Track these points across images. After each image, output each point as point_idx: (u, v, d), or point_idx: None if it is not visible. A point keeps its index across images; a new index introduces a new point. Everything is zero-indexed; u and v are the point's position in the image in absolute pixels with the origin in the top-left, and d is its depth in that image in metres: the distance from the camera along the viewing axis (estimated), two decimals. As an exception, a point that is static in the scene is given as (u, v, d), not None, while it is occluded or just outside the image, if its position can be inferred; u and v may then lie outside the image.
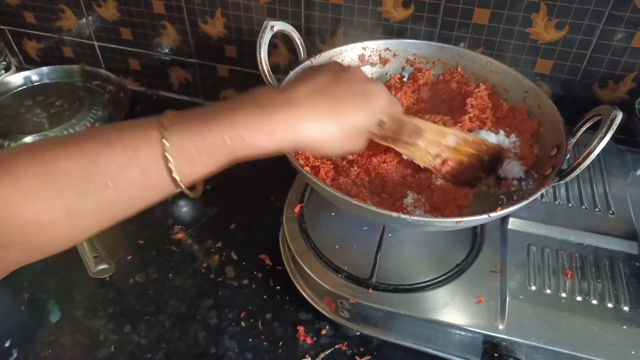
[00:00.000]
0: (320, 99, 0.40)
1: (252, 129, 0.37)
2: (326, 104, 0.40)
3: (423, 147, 0.51)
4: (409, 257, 0.58)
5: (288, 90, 0.40)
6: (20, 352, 0.58)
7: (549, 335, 0.49)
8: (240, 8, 0.83)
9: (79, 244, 0.62)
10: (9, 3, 0.98)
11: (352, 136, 0.43)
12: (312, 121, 0.39)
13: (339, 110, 0.40)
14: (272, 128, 0.38)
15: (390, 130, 0.48)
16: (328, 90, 0.41)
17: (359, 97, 0.42)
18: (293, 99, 0.39)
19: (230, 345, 0.59)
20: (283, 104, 0.39)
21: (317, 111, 0.39)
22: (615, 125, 0.44)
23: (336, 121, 0.40)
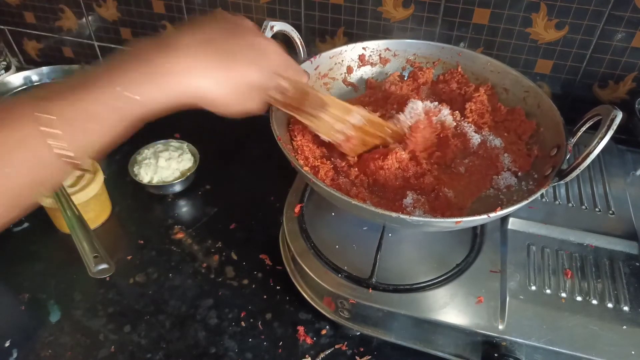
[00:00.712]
0: (208, 48, 0.37)
1: (135, 84, 0.34)
2: (215, 55, 0.37)
3: (327, 121, 0.51)
4: (409, 257, 0.58)
5: (170, 39, 0.37)
6: (20, 352, 0.58)
7: (549, 335, 0.49)
8: (240, 8, 0.83)
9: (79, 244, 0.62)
10: (9, 3, 0.98)
11: (247, 93, 0.41)
12: (201, 71, 0.37)
13: (229, 63, 0.38)
14: (158, 79, 0.35)
15: (293, 99, 0.48)
16: (217, 40, 0.38)
17: (251, 52, 0.40)
18: (176, 46, 0.36)
19: (230, 345, 0.59)
20: (165, 52, 0.36)
21: (205, 62, 0.37)
22: (615, 125, 0.44)
23: (227, 74, 0.38)
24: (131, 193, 0.79)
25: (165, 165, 0.77)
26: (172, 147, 0.80)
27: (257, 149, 0.87)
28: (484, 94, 0.63)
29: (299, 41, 0.63)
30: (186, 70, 0.36)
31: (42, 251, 0.70)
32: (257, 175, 0.81)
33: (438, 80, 0.68)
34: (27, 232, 0.72)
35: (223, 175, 0.82)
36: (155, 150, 0.79)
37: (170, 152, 0.78)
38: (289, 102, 0.48)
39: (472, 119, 0.61)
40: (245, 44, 0.40)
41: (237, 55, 0.39)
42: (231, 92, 0.39)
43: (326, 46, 0.83)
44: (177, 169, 0.77)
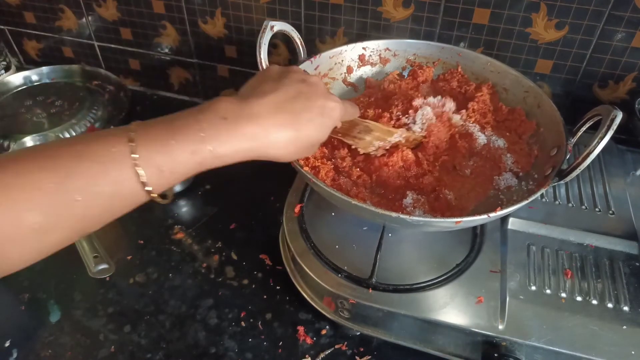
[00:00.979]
0: (281, 114, 0.41)
1: (218, 142, 0.38)
2: (287, 119, 0.42)
3: (368, 140, 0.55)
4: (409, 257, 0.58)
5: (251, 103, 0.41)
6: (20, 352, 0.58)
7: (549, 335, 0.49)
8: (240, 8, 0.83)
9: (79, 244, 0.62)
10: (9, 3, 0.98)
11: (307, 147, 0.45)
12: (273, 133, 0.41)
13: (299, 127, 0.42)
14: (237, 141, 0.39)
15: (342, 129, 0.54)
16: (289, 105, 0.42)
17: (317, 115, 0.44)
18: (257, 114, 0.40)
19: (230, 345, 0.59)
20: (247, 117, 0.40)
21: (279, 127, 0.41)
22: (615, 125, 0.44)
23: (295, 136, 0.42)
24: (131, 193, 0.78)
25: (165, 165, 0.76)
26: (172, 147, 0.80)
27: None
28: (487, 93, 0.63)
29: (299, 41, 0.63)
30: (262, 134, 0.40)
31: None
32: (257, 175, 0.81)
33: (438, 79, 0.68)
34: (27, 232, 0.72)
35: (223, 175, 0.82)
36: (155, 150, 0.79)
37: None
38: (338, 130, 0.53)
39: (475, 119, 0.61)
40: (314, 107, 0.43)
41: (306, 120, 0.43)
42: (295, 150, 0.43)
43: (326, 46, 0.83)
44: (177, 169, 0.77)
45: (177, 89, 1.02)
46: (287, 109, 0.42)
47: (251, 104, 0.41)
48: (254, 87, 0.44)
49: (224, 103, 0.40)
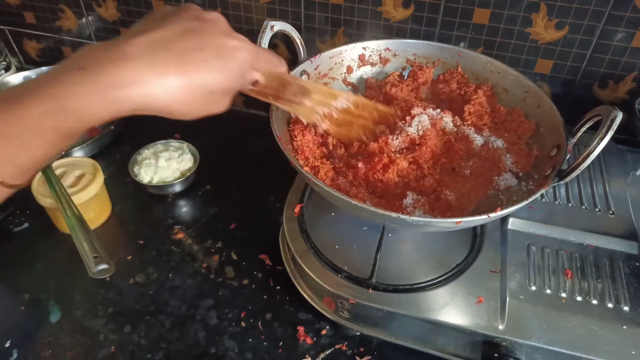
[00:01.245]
0: (161, 52, 0.33)
1: (75, 99, 0.31)
2: (169, 59, 0.33)
3: (310, 105, 0.50)
4: (409, 257, 0.58)
5: (120, 43, 0.33)
6: (20, 352, 0.58)
7: (549, 335, 0.49)
8: (240, 8, 0.83)
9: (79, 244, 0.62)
10: (9, 3, 0.98)
11: (209, 99, 0.37)
12: (151, 81, 0.33)
13: (186, 69, 0.34)
14: (100, 93, 0.31)
15: (270, 88, 0.46)
16: (173, 43, 0.34)
17: (214, 54, 0.35)
18: (126, 54, 0.32)
19: (230, 345, 0.59)
20: (113, 61, 0.32)
21: (157, 69, 0.33)
22: (615, 125, 0.44)
23: (182, 81, 0.34)
24: (131, 193, 0.79)
25: (166, 165, 0.77)
26: (172, 147, 0.80)
27: (257, 149, 0.87)
28: (483, 95, 0.63)
29: (299, 41, 0.63)
30: (134, 81, 0.32)
31: (42, 251, 0.70)
32: (257, 175, 0.81)
33: (438, 80, 0.68)
34: (27, 232, 0.72)
35: (223, 175, 0.82)
36: (155, 150, 0.79)
37: (170, 152, 0.78)
38: (265, 91, 0.46)
39: (472, 121, 0.61)
40: (208, 46, 0.35)
41: (197, 61, 0.35)
42: (189, 100, 0.35)
43: (326, 46, 0.83)
44: (177, 169, 0.77)
45: (177, 89, 1.02)
46: (168, 48, 0.34)
47: (120, 45, 0.33)
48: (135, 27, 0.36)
49: (87, 49, 0.33)
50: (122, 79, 0.32)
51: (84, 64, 0.32)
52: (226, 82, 0.37)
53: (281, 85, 0.47)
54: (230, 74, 0.37)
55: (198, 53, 0.35)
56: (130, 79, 0.32)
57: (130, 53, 0.33)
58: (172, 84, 0.33)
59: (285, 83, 0.47)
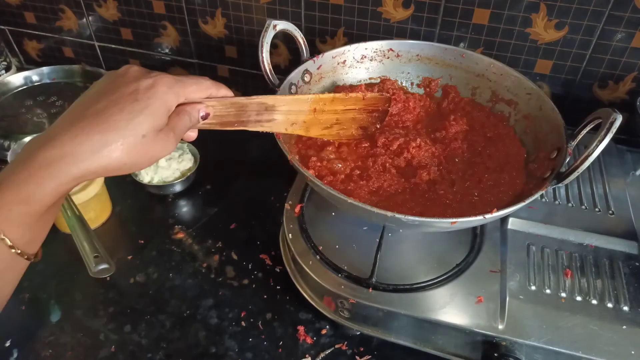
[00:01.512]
0: (81, 121, 0.35)
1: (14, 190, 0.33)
2: (89, 125, 0.34)
3: (282, 118, 0.49)
4: (409, 257, 0.58)
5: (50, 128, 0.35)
6: (20, 352, 0.58)
7: (549, 335, 0.49)
8: (240, 8, 0.83)
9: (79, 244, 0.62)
10: (9, 3, 0.98)
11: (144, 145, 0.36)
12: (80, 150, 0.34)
13: (106, 126, 0.34)
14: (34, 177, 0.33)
15: (229, 116, 0.44)
16: (90, 109, 0.35)
17: (128, 101, 0.36)
18: (51, 135, 0.34)
19: (231, 345, 0.59)
20: (41, 145, 0.34)
21: (81, 137, 0.34)
22: (614, 128, 0.44)
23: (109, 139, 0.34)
24: (132, 193, 0.79)
25: (166, 165, 0.77)
26: (172, 147, 0.80)
27: (257, 149, 0.87)
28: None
29: (302, 40, 0.63)
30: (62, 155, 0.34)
31: (42, 251, 0.69)
32: (257, 175, 0.81)
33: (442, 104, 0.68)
34: (28, 232, 0.72)
35: (223, 175, 0.82)
36: (155, 150, 0.79)
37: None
38: (227, 119, 0.44)
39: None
40: (122, 96, 0.36)
41: (113, 115, 0.35)
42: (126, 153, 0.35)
43: (326, 46, 0.83)
44: (177, 169, 0.77)
45: (178, 89, 1.02)
46: (86, 115, 0.35)
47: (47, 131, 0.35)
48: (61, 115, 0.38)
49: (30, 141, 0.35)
50: (51, 157, 0.33)
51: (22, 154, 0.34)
52: (154, 120, 0.37)
53: (239, 109, 0.45)
54: (154, 111, 0.37)
55: (114, 107, 0.35)
56: (59, 154, 0.33)
57: (55, 133, 0.34)
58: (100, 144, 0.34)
59: (242, 106, 0.45)
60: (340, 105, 0.55)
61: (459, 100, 0.67)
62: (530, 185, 0.55)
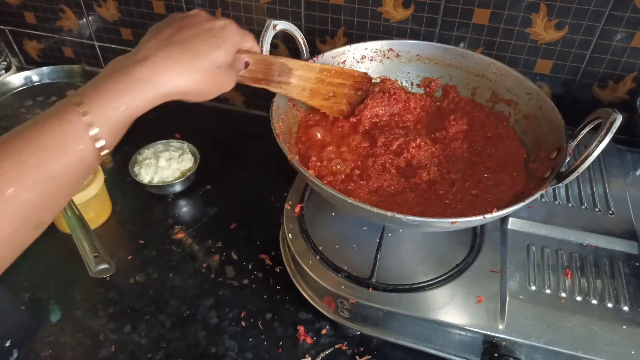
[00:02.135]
0: (169, 47, 0.41)
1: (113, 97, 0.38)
2: (177, 50, 0.41)
3: (296, 83, 0.57)
4: (409, 257, 0.58)
5: (137, 51, 0.41)
6: (20, 352, 0.58)
7: (549, 335, 0.49)
8: (240, 8, 0.83)
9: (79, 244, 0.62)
10: (9, 3, 0.98)
11: (216, 75, 0.44)
12: (170, 71, 0.40)
13: (192, 54, 0.42)
14: (132, 90, 0.38)
15: (259, 72, 0.53)
16: (175, 38, 0.42)
17: (207, 36, 0.43)
18: (144, 56, 0.40)
19: (231, 345, 0.59)
20: (136, 63, 0.40)
21: (171, 60, 0.40)
22: (614, 128, 0.44)
23: (194, 64, 0.41)
24: (131, 193, 0.79)
25: (166, 165, 0.77)
26: (172, 147, 0.80)
27: (257, 149, 0.87)
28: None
29: (302, 40, 0.63)
30: (157, 74, 0.40)
31: (42, 251, 0.69)
32: (257, 175, 0.81)
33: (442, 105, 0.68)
34: (28, 232, 0.72)
35: (223, 175, 0.82)
36: (155, 150, 0.79)
37: (170, 152, 0.78)
38: (257, 75, 0.53)
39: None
40: (201, 31, 0.43)
41: (197, 46, 0.42)
42: (202, 79, 0.42)
43: (326, 46, 0.83)
44: (177, 169, 0.77)
45: (178, 89, 1.02)
46: (172, 42, 0.41)
47: (136, 51, 0.41)
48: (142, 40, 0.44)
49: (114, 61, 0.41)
50: (147, 74, 0.39)
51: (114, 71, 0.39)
52: (226, 55, 0.45)
53: (267, 67, 0.53)
54: (227, 47, 0.45)
55: (195, 39, 0.42)
56: (154, 72, 0.40)
57: (147, 55, 0.40)
58: (186, 69, 0.41)
59: (269, 64, 0.54)
60: (338, 79, 0.62)
61: (459, 100, 0.68)
62: (530, 185, 0.55)
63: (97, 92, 0.38)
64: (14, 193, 0.33)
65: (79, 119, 0.36)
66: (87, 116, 0.36)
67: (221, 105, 0.99)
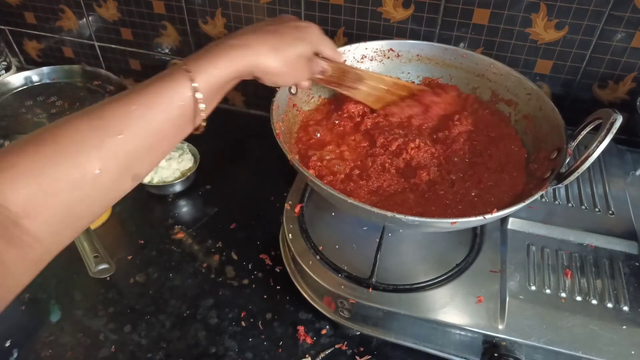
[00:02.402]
0: (265, 36, 0.48)
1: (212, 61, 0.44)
2: (270, 39, 0.48)
3: (365, 90, 0.63)
4: (409, 257, 0.58)
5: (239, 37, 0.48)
6: (20, 352, 0.58)
7: (549, 335, 0.49)
8: (240, 8, 0.83)
9: (79, 244, 0.62)
10: (9, 3, 0.98)
11: (295, 63, 0.50)
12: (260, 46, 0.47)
13: (281, 42, 0.49)
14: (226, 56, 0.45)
15: (334, 77, 0.59)
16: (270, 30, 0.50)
17: (295, 31, 0.51)
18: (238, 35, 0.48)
19: (231, 345, 0.59)
20: (231, 38, 0.47)
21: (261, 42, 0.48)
22: (614, 128, 0.44)
23: (280, 51, 0.48)
24: (131, 193, 0.78)
25: (166, 165, 0.77)
26: (172, 147, 0.80)
27: (257, 149, 0.87)
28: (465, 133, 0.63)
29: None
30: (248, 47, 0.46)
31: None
32: (257, 175, 0.81)
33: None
34: (28, 232, 0.72)
35: (223, 175, 0.82)
36: (155, 150, 0.79)
37: (170, 152, 0.78)
38: (331, 79, 0.59)
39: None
40: (290, 26, 0.51)
41: (284, 35, 0.50)
42: (284, 64, 0.49)
43: (326, 46, 0.83)
44: (177, 169, 0.77)
45: (178, 89, 1.02)
46: (268, 33, 0.49)
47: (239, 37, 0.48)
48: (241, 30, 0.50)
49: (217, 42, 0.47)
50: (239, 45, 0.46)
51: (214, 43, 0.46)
52: (307, 48, 0.52)
53: (342, 74, 0.60)
54: (309, 41, 0.52)
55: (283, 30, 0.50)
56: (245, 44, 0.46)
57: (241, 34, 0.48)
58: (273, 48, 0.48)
59: (345, 72, 0.60)
60: (403, 91, 0.65)
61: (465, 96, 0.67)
62: (530, 186, 0.55)
63: (198, 57, 0.43)
64: (122, 140, 0.37)
65: (183, 74, 0.41)
66: (189, 73, 0.41)
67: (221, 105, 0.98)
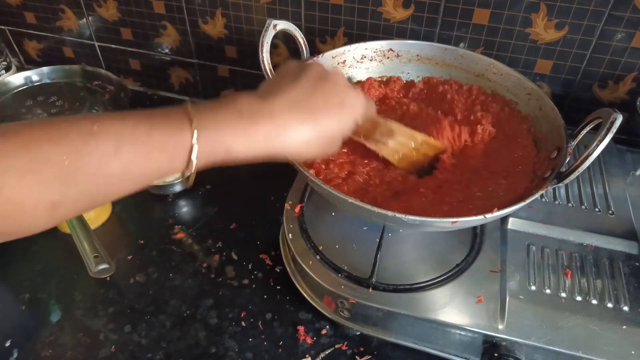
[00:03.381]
0: (298, 109, 0.41)
1: (232, 136, 0.38)
2: (304, 115, 0.41)
3: (393, 146, 0.54)
4: (409, 257, 0.58)
5: (267, 100, 0.40)
6: (20, 352, 0.58)
7: (549, 335, 0.49)
8: (240, 8, 0.83)
9: (79, 244, 0.62)
10: (9, 3, 0.98)
11: (327, 143, 0.44)
12: (290, 132, 0.40)
13: (316, 121, 0.41)
14: (251, 137, 0.39)
15: (363, 128, 0.52)
16: (307, 100, 0.41)
17: (336, 108, 0.43)
18: (273, 111, 0.40)
19: (231, 345, 0.59)
20: (263, 114, 0.39)
21: (295, 123, 0.40)
22: (614, 128, 0.44)
23: (312, 131, 0.41)
24: (132, 193, 0.79)
25: (166, 165, 0.77)
26: (172, 147, 0.80)
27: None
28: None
29: (302, 40, 0.63)
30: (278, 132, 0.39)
31: (42, 251, 0.70)
32: (257, 175, 0.81)
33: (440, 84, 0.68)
34: (28, 232, 0.72)
35: (223, 175, 0.82)
36: (155, 150, 0.79)
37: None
38: (359, 130, 0.52)
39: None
40: (332, 102, 0.43)
41: (324, 114, 0.42)
42: (314, 144, 0.42)
43: (326, 46, 0.83)
44: (177, 169, 0.77)
45: (178, 89, 1.02)
46: (303, 106, 0.41)
47: (268, 100, 0.40)
48: (272, 83, 0.43)
49: (241, 98, 0.40)
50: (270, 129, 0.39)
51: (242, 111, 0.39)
52: (343, 129, 0.45)
53: (372, 126, 0.52)
54: (348, 122, 0.45)
55: (324, 109, 0.42)
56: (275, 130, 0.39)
57: (276, 110, 0.40)
58: (306, 135, 0.41)
59: (376, 124, 0.53)
60: (431, 151, 0.57)
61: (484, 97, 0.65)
62: (531, 185, 0.55)
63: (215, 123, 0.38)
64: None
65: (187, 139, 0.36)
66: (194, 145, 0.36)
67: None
